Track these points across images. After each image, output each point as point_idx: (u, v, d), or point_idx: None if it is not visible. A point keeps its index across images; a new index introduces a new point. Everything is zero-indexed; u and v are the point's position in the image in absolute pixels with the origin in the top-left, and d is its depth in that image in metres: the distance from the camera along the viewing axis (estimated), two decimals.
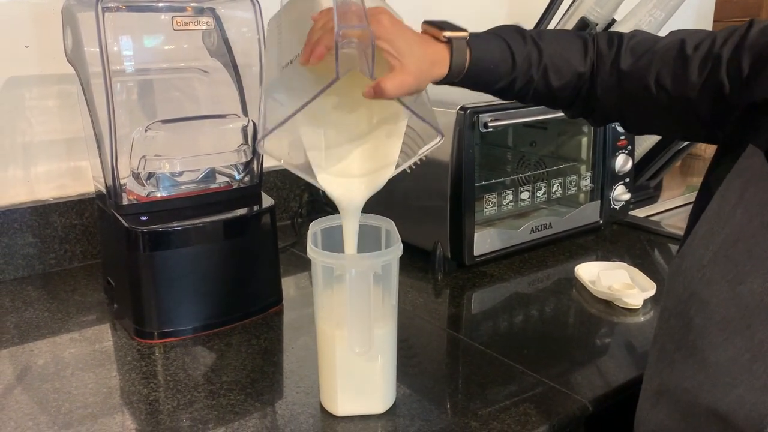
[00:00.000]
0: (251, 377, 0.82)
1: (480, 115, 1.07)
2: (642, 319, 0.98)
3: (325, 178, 0.69)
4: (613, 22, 1.34)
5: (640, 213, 1.45)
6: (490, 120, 1.08)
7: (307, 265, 0.94)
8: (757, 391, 0.58)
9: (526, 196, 1.23)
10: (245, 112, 0.99)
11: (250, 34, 0.96)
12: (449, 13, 0.74)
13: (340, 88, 0.61)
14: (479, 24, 0.74)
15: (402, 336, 0.77)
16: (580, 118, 0.80)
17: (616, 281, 1.04)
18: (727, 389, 0.59)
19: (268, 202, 0.99)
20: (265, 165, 1.02)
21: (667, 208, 1.51)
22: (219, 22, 0.95)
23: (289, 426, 0.72)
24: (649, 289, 1.02)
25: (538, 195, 1.25)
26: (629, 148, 1.31)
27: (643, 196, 1.58)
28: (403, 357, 0.81)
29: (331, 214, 0.76)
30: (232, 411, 0.75)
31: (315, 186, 0.70)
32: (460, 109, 1.06)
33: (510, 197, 1.21)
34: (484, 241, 1.13)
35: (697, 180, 0.67)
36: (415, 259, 1.14)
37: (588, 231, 1.30)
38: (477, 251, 1.12)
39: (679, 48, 0.68)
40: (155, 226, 0.88)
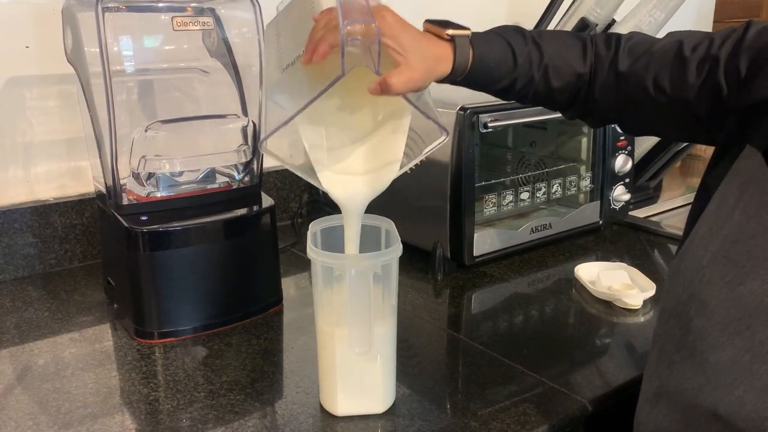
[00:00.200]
0: (251, 377, 0.82)
1: (480, 115, 1.07)
2: (642, 319, 0.98)
3: (327, 179, 0.69)
4: (613, 22, 1.34)
5: (640, 213, 1.45)
6: (490, 120, 1.08)
7: (306, 265, 0.94)
8: (758, 392, 0.58)
9: (525, 196, 1.23)
10: (245, 113, 0.99)
11: (250, 35, 0.96)
12: (449, 13, 0.74)
13: (342, 87, 0.61)
14: (479, 24, 0.74)
15: (402, 336, 0.77)
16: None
17: (616, 281, 1.04)
18: (727, 390, 0.59)
19: (268, 202, 0.99)
20: (265, 165, 1.02)
21: (667, 209, 1.52)
22: (219, 23, 0.96)
23: (289, 426, 0.72)
24: (649, 289, 1.02)
25: (538, 195, 1.25)
26: (629, 148, 1.31)
27: (643, 196, 1.59)
28: (402, 357, 0.81)
29: (331, 215, 0.76)
30: (231, 411, 0.75)
31: (315, 186, 0.70)
32: (460, 109, 1.06)
33: (510, 197, 1.21)
34: (484, 241, 1.13)
35: (697, 180, 0.67)
36: (414, 260, 1.14)
37: (588, 231, 1.30)
38: (477, 251, 1.12)
39: (676, 49, 0.68)
40: (155, 226, 0.88)
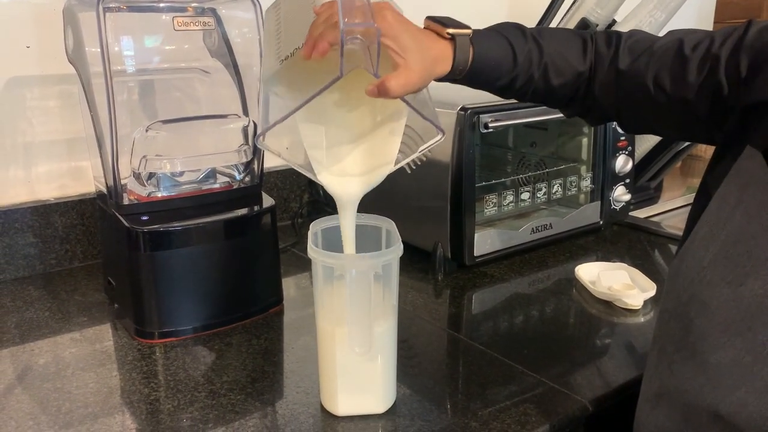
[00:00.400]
0: (251, 377, 0.82)
1: (480, 115, 1.07)
2: (642, 319, 0.98)
3: (324, 174, 0.69)
4: (613, 23, 1.34)
5: (641, 214, 1.45)
6: (490, 120, 1.08)
7: (307, 265, 0.94)
8: (759, 393, 0.57)
9: (526, 196, 1.23)
10: (246, 113, 0.99)
11: (250, 35, 0.96)
12: (449, 14, 0.74)
13: (340, 85, 0.60)
14: (479, 25, 0.74)
15: (402, 336, 0.77)
16: (579, 119, 0.80)
17: (617, 282, 1.04)
18: (728, 391, 0.59)
19: (268, 202, 0.99)
20: (266, 165, 1.02)
21: (668, 209, 1.52)
22: (220, 23, 0.96)
23: (290, 426, 0.72)
24: (650, 289, 1.02)
25: (539, 195, 1.25)
26: (630, 148, 1.31)
27: (644, 196, 1.59)
28: (403, 357, 0.81)
29: (332, 215, 0.76)
30: (232, 411, 0.75)
31: (315, 186, 0.70)
32: (460, 109, 1.06)
33: (510, 198, 1.21)
34: (485, 241, 1.13)
35: (698, 181, 0.67)
36: (415, 260, 1.14)
37: (588, 231, 1.30)
38: (477, 251, 1.12)
39: (677, 48, 0.68)
40: (156, 226, 0.88)
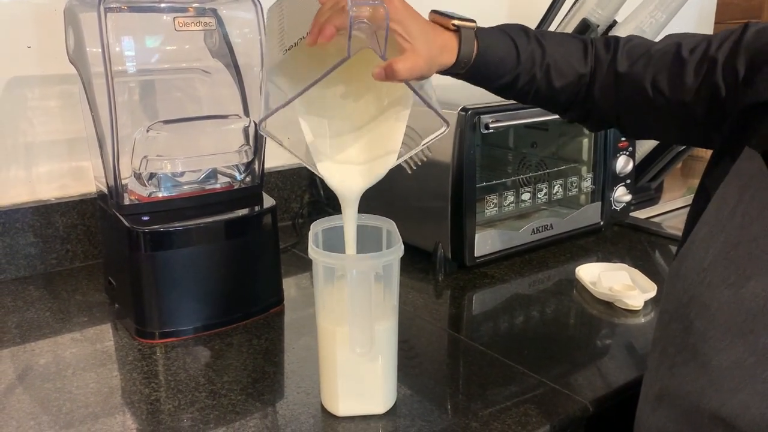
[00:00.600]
0: (252, 377, 0.82)
1: (481, 116, 1.07)
2: (643, 320, 0.98)
3: (325, 167, 0.69)
4: (614, 23, 1.34)
5: (641, 214, 1.45)
6: (491, 121, 1.08)
7: (308, 265, 0.94)
8: (762, 396, 0.57)
9: (527, 197, 1.23)
10: (247, 113, 0.99)
11: (251, 35, 0.96)
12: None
13: (344, 74, 0.60)
14: (479, 24, 0.74)
15: (403, 336, 0.77)
16: None
17: (617, 282, 1.04)
18: (730, 394, 0.59)
19: (269, 202, 0.99)
20: (267, 166, 1.02)
21: (668, 210, 1.52)
22: (221, 23, 0.96)
23: (290, 426, 0.72)
24: (650, 290, 1.02)
25: (539, 196, 1.25)
26: (630, 149, 1.31)
27: (644, 197, 1.59)
28: (403, 357, 0.81)
29: (333, 215, 0.76)
30: (233, 411, 0.75)
31: (316, 187, 0.70)
32: (461, 109, 1.06)
33: (511, 198, 1.21)
34: (485, 242, 1.13)
35: (698, 182, 0.67)
36: (416, 260, 1.14)
37: (589, 232, 1.30)
38: (478, 252, 1.12)
39: (675, 51, 0.68)
40: (157, 227, 0.88)
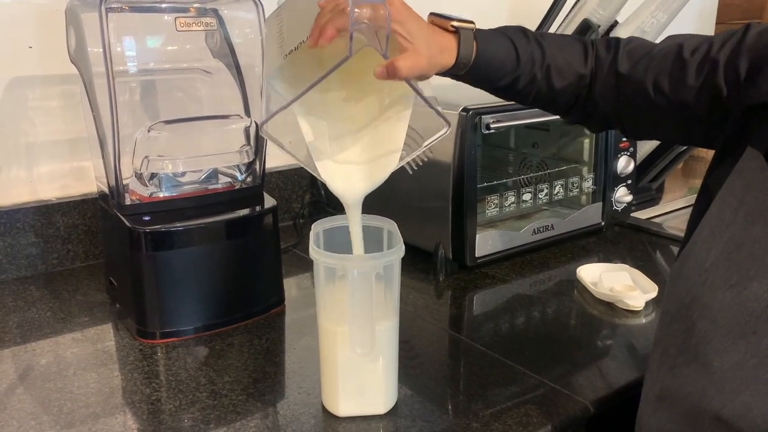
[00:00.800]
0: (253, 377, 0.82)
1: (482, 116, 1.07)
2: (644, 320, 0.98)
3: (326, 170, 0.69)
4: (615, 24, 1.34)
5: (642, 215, 1.45)
6: (492, 121, 1.08)
7: (308, 265, 0.94)
8: (763, 397, 0.57)
9: (528, 197, 1.23)
10: (248, 113, 0.99)
11: (252, 35, 0.96)
12: (451, 12, 0.74)
13: (344, 76, 0.60)
14: (480, 25, 0.74)
15: (404, 337, 0.77)
16: None
17: (618, 283, 1.04)
18: (732, 395, 0.59)
19: (270, 202, 0.99)
20: (268, 166, 1.02)
21: (669, 210, 1.52)
22: (222, 23, 0.96)
23: (291, 426, 0.72)
24: (651, 290, 1.02)
25: (540, 196, 1.25)
26: (631, 149, 1.31)
27: (645, 197, 1.59)
28: (404, 358, 0.81)
29: (334, 215, 0.76)
30: (233, 411, 0.75)
31: (317, 187, 0.70)
32: (462, 110, 1.06)
33: (512, 198, 1.21)
34: (486, 242, 1.13)
35: (699, 182, 0.67)
36: (417, 260, 1.14)
37: (590, 232, 1.30)
38: (479, 252, 1.12)
39: (676, 52, 0.68)
40: (158, 227, 0.88)
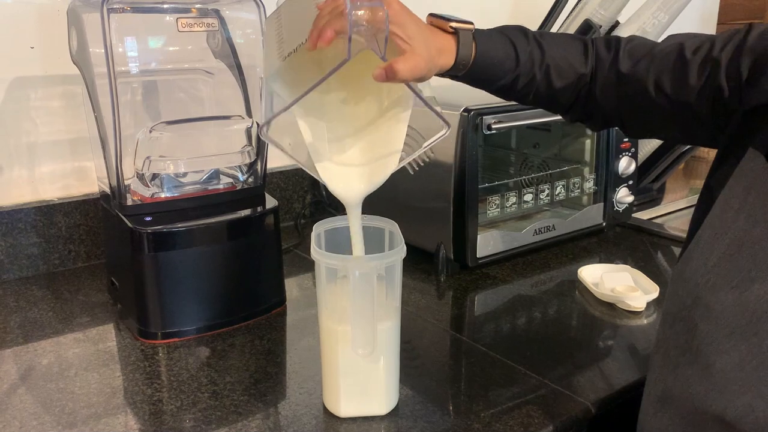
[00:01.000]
0: (254, 378, 0.82)
1: (483, 117, 1.07)
2: (645, 321, 0.98)
3: (325, 172, 0.69)
4: (616, 24, 1.34)
5: (644, 215, 1.45)
6: (493, 122, 1.08)
7: (310, 266, 0.94)
8: (766, 399, 0.57)
9: (529, 198, 1.23)
10: (249, 114, 0.99)
11: (254, 36, 0.96)
12: (452, 11, 0.74)
13: (343, 78, 0.60)
14: (482, 24, 0.74)
15: (405, 337, 0.77)
16: None
17: (619, 283, 1.04)
18: (734, 396, 0.59)
19: (271, 203, 0.99)
20: (269, 166, 1.02)
21: (671, 211, 1.52)
22: (223, 24, 0.96)
23: (292, 427, 0.72)
24: (652, 291, 1.02)
25: (541, 197, 1.25)
26: (633, 150, 1.31)
27: (647, 198, 1.59)
28: (405, 358, 0.81)
29: (335, 216, 0.76)
30: (235, 411, 0.75)
31: (318, 188, 0.70)
32: (463, 110, 1.06)
33: (513, 199, 1.21)
34: (487, 242, 1.13)
35: (701, 182, 0.67)
36: (418, 261, 1.14)
37: (591, 233, 1.30)
38: (480, 253, 1.12)
39: (678, 52, 0.68)
40: (159, 227, 0.88)
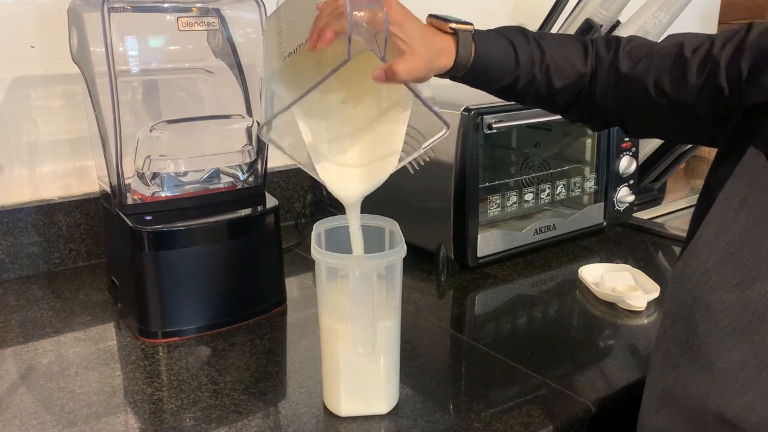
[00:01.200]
0: (255, 377, 0.82)
1: (484, 116, 1.07)
2: (645, 321, 0.98)
3: (325, 172, 0.69)
4: (617, 24, 1.34)
5: (644, 215, 1.45)
6: (494, 121, 1.08)
7: (310, 265, 0.94)
8: (767, 397, 0.57)
9: (529, 197, 1.23)
10: (249, 113, 0.99)
11: (254, 35, 0.96)
12: (452, 11, 0.74)
13: (343, 78, 0.60)
14: (482, 26, 0.74)
15: (405, 337, 0.77)
16: None
17: (620, 283, 1.04)
18: (735, 395, 0.59)
19: (272, 202, 0.99)
20: (270, 166, 1.02)
21: (671, 210, 1.52)
22: (224, 23, 0.96)
23: (292, 426, 0.72)
24: (653, 291, 1.02)
25: (542, 196, 1.25)
26: (633, 149, 1.31)
27: (647, 198, 1.59)
28: (406, 358, 0.81)
29: (335, 215, 0.76)
30: (235, 411, 0.75)
31: (319, 187, 0.70)
32: (464, 110, 1.06)
33: (514, 198, 1.21)
34: (488, 242, 1.13)
35: (702, 182, 0.67)
36: (418, 260, 1.14)
37: (592, 233, 1.30)
38: (480, 252, 1.12)
39: (677, 51, 0.68)
40: (159, 226, 0.88)
